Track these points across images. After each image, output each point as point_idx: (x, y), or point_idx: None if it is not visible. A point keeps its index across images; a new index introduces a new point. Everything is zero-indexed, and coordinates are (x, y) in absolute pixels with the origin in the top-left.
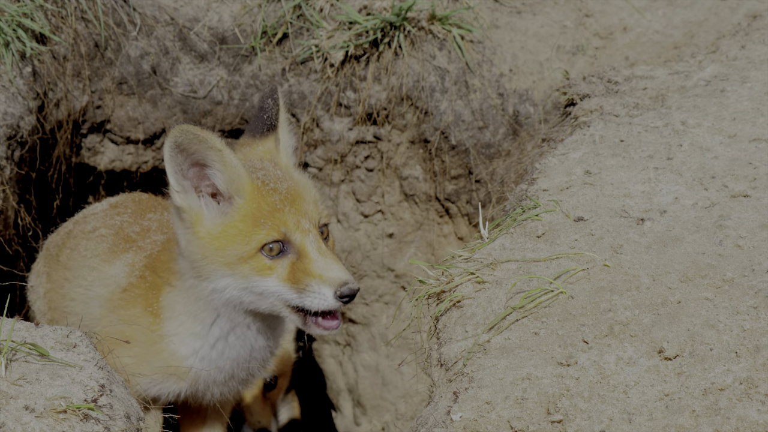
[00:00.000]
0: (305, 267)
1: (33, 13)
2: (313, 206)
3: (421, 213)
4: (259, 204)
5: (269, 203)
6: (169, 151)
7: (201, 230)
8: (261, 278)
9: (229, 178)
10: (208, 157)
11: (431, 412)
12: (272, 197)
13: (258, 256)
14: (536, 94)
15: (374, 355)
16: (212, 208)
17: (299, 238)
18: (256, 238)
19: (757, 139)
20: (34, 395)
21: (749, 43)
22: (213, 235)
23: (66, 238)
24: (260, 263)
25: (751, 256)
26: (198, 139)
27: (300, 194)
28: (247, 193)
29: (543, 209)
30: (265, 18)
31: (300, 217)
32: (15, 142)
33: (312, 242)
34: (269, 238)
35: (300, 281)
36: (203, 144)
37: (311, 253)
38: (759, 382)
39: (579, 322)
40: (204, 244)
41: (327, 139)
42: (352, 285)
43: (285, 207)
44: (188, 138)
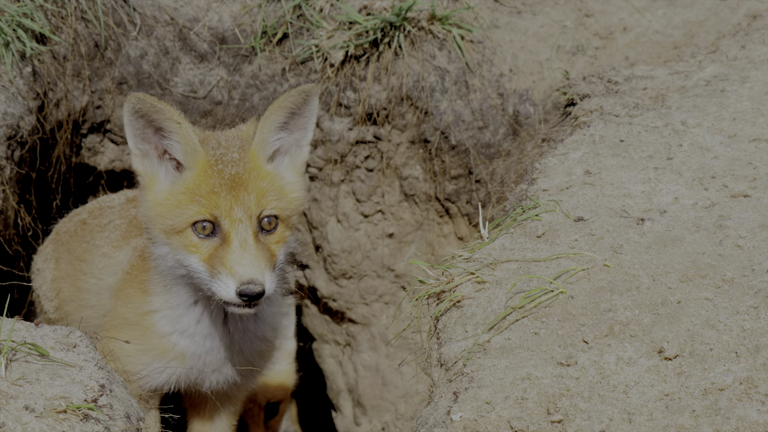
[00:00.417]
0: (222, 255)
1: (33, 13)
2: (255, 196)
3: (421, 213)
4: (201, 182)
5: (209, 183)
6: (128, 116)
7: (150, 195)
8: (186, 254)
9: (185, 149)
10: (167, 127)
11: (431, 412)
12: (214, 178)
13: (188, 231)
14: (536, 94)
15: (374, 355)
16: (170, 176)
17: (227, 225)
18: (188, 213)
19: (757, 139)
20: (34, 395)
21: (749, 43)
22: (157, 201)
23: (80, 227)
24: (188, 239)
25: (751, 256)
26: (156, 109)
27: (244, 182)
28: (198, 168)
29: (543, 209)
30: (265, 18)
31: (234, 204)
32: (15, 142)
33: (239, 232)
34: (199, 216)
35: (215, 266)
36: (161, 114)
37: (232, 243)
38: (759, 382)
39: (579, 322)
40: (150, 207)
41: (327, 139)
42: (255, 287)
43: (222, 191)
44: (146, 106)
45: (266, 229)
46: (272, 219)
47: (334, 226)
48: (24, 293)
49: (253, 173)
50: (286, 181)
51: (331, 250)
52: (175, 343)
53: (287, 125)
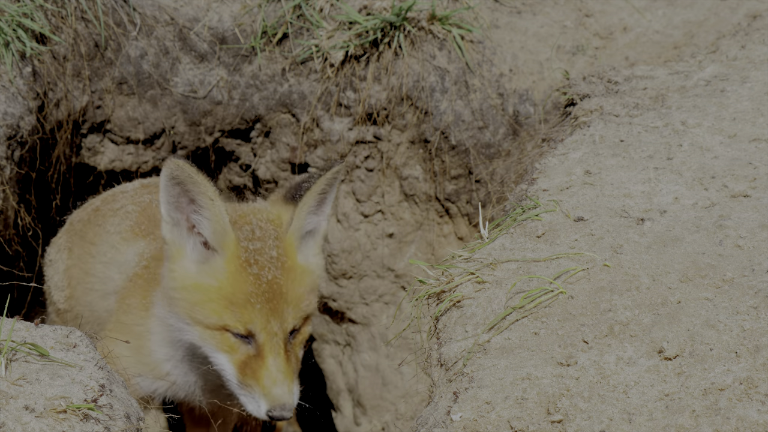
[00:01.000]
0: (256, 368)
1: (33, 13)
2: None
3: (421, 213)
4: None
5: (245, 292)
6: (165, 182)
7: (177, 269)
8: (216, 351)
9: (215, 229)
10: (199, 199)
11: (431, 412)
12: (250, 287)
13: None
14: (536, 94)
15: (374, 355)
16: (197, 251)
17: (263, 338)
18: (223, 318)
19: (757, 139)
20: (34, 395)
21: (749, 43)
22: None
23: (93, 214)
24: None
25: (751, 256)
26: (192, 181)
27: (282, 292)
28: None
29: (543, 209)
30: (265, 18)
31: (271, 318)
32: (15, 142)
33: (273, 348)
34: (234, 329)
35: (247, 376)
36: (196, 187)
37: (267, 359)
38: (759, 382)
39: (579, 322)
40: (175, 287)
41: (327, 139)
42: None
43: (258, 303)
44: (184, 175)
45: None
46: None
47: (334, 226)
48: (24, 293)
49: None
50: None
51: (330, 250)
52: (169, 372)
53: (318, 207)
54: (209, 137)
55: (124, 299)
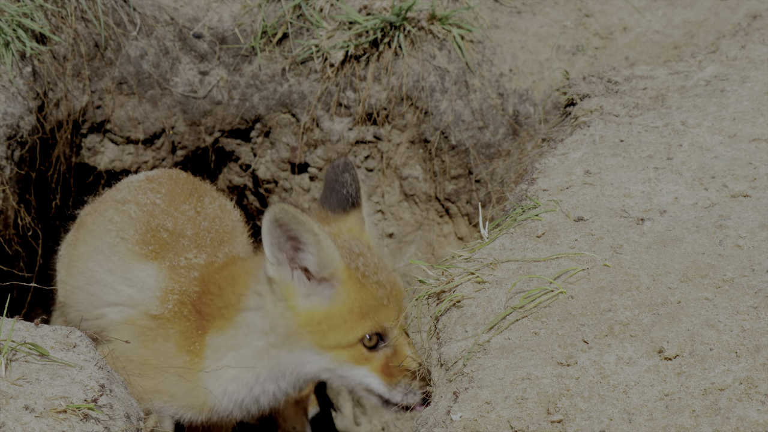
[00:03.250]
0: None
1: (33, 13)
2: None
3: (421, 213)
4: (365, 296)
5: (375, 297)
6: (268, 226)
7: (297, 306)
8: (354, 366)
9: (322, 261)
10: (303, 237)
11: (431, 412)
12: (377, 291)
13: (357, 345)
14: (536, 94)
15: None
16: (303, 284)
17: (395, 335)
18: (360, 329)
19: (757, 139)
20: (34, 395)
21: (749, 43)
22: (313, 318)
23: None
24: (358, 352)
25: (751, 256)
26: (296, 221)
27: (399, 289)
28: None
29: (543, 209)
30: (265, 18)
31: (399, 313)
32: (15, 142)
33: (405, 338)
34: (372, 331)
35: (394, 376)
36: (301, 225)
37: (407, 350)
38: (759, 382)
39: (579, 322)
40: (299, 321)
41: (327, 139)
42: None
43: (390, 303)
44: (288, 217)
45: None
46: None
47: None
48: (24, 293)
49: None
50: None
51: None
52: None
53: None
54: (209, 137)
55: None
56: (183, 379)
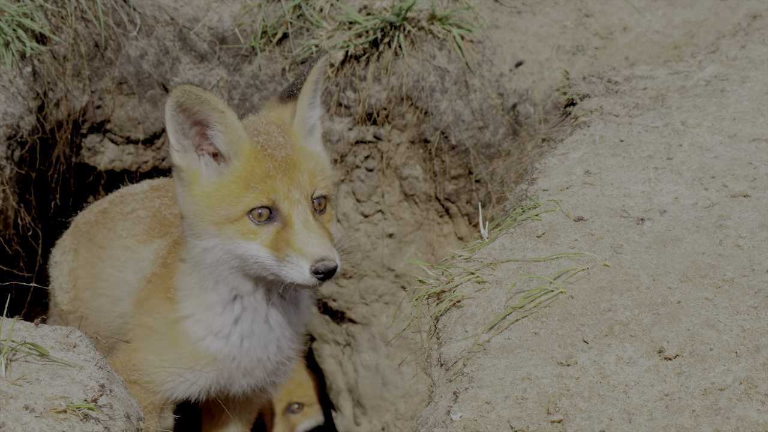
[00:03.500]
0: (288, 237)
1: (33, 13)
2: (308, 177)
3: (421, 213)
4: (253, 168)
5: (263, 168)
6: (171, 111)
7: (196, 188)
8: (244, 241)
9: (230, 139)
10: (210, 117)
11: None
12: (267, 163)
13: (245, 219)
14: (536, 94)
15: (374, 355)
16: (212, 168)
17: (287, 207)
18: (244, 200)
19: (757, 139)
20: (34, 395)
21: (749, 43)
22: (206, 193)
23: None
24: (245, 227)
25: (751, 256)
26: (200, 100)
27: (296, 163)
28: (245, 155)
29: (543, 209)
30: (265, 18)
31: (291, 186)
32: (15, 142)
33: (299, 213)
34: (257, 203)
35: (281, 250)
36: (206, 105)
37: (296, 225)
38: (759, 382)
39: (579, 322)
40: (197, 201)
41: (327, 139)
42: (329, 262)
43: (278, 174)
44: (191, 98)
45: (318, 210)
46: (322, 200)
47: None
48: (24, 293)
49: (301, 154)
50: (323, 159)
51: None
52: (208, 347)
53: (313, 102)
54: None
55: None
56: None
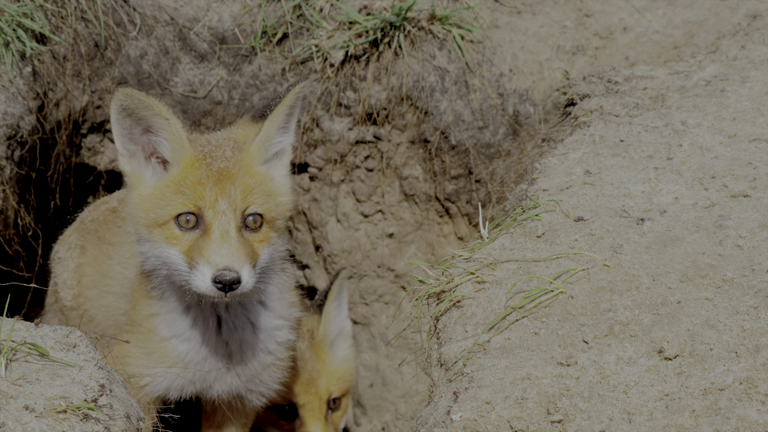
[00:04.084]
0: (202, 246)
1: (33, 13)
2: (242, 191)
3: (421, 213)
4: (187, 175)
5: (196, 176)
6: (116, 114)
7: (135, 193)
8: (167, 246)
9: (173, 146)
10: (155, 124)
11: (431, 412)
12: (200, 171)
13: (171, 223)
14: (536, 94)
15: (374, 355)
16: (157, 174)
17: (210, 216)
18: (172, 204)
19: (757, 139)
20: (34, 395)
21: (749, 43)
22: (143, 197)
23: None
24: (170, 231)
25: (751, 256)
26: (144, 105)
27: (231, 176)
28: (185, 163)
29: (543, 209)
30: (265, 18)
31: (220, 196)
32: (15, 142)
33: (221, 224)
34: (183, 208)
35: (193, 258)
36: (150, 110)
37: (213, 234)
38: (759, 382)
39: (579, 322)
40: (136, 205)
41: (327, 139)
42: (231, 273)
43: (208, 183)
44: (134, 103)
45: (251, 227)
46: (257, 217)
47: (334, 226)
48: (24, 293)
49: (243, 170)
50: (278, 183)
51: (331, 250)
52: (174, 348)
53: (286, 127)
54: None
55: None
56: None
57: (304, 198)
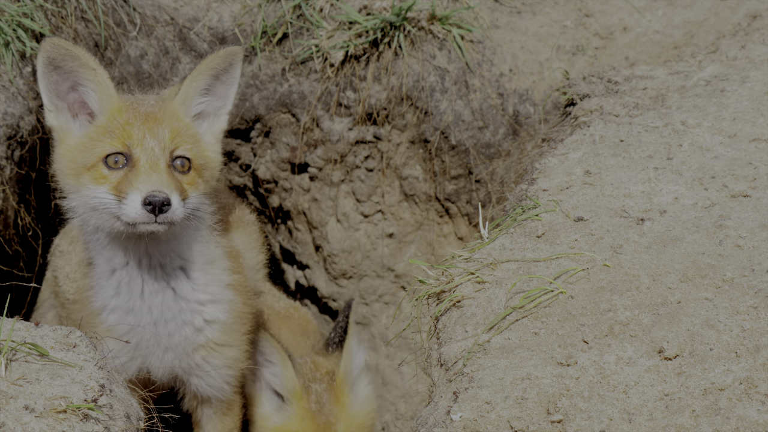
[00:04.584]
0: (131, 178)
1: (33, 13)
2: (170, 132)
3: (421, 213)
4: (115, 118)
5: (123, 118)
6: (43, 68)
7: (63, 146)
8: (94, 187)
9: (101, 97)
10: (83, 75)
11: (431, 412)
12: (128, 113)
13: (99, 165)
14: (536, 94)
15: (374, 355)
16: (83, 127)
17: (138, 152)
18: (99, 145)
19: (757, 139)
20: (34, 395)
21: (749, 43)
22: (70, 147)
23: None
24: (98, 172)
25: (751, 256)
26: (71, 56)
27: (158, 118)
28: (111, 111)
29: (543, 209)
30: (265, 18)
31: (147, 135)
32: (15, 142)
33: (149, 157)
34: (111, 148)
35: (122, 191)
36: (77, 61)
37: (141, 167)
38: (759, 382)
39: (579, 322)
40: (63, 157)
41: (327, 139)
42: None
43: (136, 123)
44: (61, 53)
45: (179, 170)
46: (185, 161)
47: (334, 226)
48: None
49: (170, 114)
50: (205, 139)
51: (331, 250)
52: (105, 320)
53: (210, 90)
54: None
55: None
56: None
57: (304, 198)
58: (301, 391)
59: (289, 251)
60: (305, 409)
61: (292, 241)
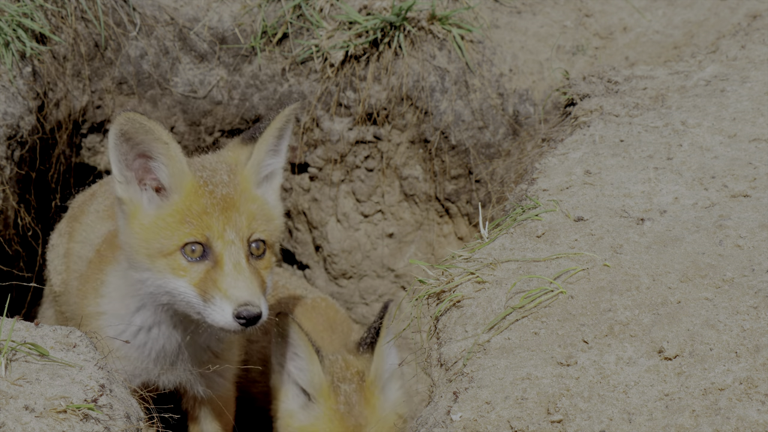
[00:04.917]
0: (216, 278)
1: (33, 13)
2: (246, 218)
3: (421, 213)
4: (191, 203)
5: (200, 204)
6: (114, 139)
7: (135, 222)
8: (174, 278)
9: (172, 172)
10: (154, 149)
11: (431, 412)
12: (205, 199)
13: (177, 254)
14: (536, 94)
15: None
16: (153, 202)
17: (220, 247)
18: (177, 235)
19: (757, 139)
20: (34, 395)
21: (749, 43)
22: (143, 226)
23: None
24: (177, 262)
25: (751, 256)
26: (144, 129)
27: (235, 203)
28: (185, 190)
29: (543, 209)
30: (265, 18)
31: (227, 225)
32: (15, 142)
33: (231, 255)
34: (191, 238)
35: (207, 291)
36: (149, 135)
37: (226, 266)
38: (759, 382)
39: (579, 322)
40: (134, 234)
41: (327, 139)
42: (253, 308)
43: (214, 211)
44: (134, 127)
45: (255, 254)
46: (260, 244)
47: (334, 226)
48: (24, 293)
49: (244, 195)
50: (272, 206)
51: (331, 250)
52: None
53: (276, 149)
54: (209, 137)
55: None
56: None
57: (304, 198)
58: (329, 390)
59: (289, 251)
60: (334, 410)
61: (292, 241)
